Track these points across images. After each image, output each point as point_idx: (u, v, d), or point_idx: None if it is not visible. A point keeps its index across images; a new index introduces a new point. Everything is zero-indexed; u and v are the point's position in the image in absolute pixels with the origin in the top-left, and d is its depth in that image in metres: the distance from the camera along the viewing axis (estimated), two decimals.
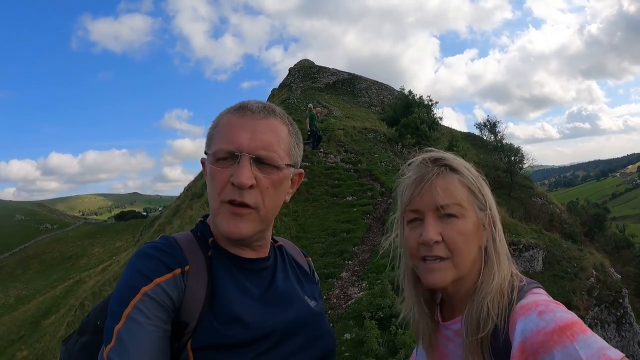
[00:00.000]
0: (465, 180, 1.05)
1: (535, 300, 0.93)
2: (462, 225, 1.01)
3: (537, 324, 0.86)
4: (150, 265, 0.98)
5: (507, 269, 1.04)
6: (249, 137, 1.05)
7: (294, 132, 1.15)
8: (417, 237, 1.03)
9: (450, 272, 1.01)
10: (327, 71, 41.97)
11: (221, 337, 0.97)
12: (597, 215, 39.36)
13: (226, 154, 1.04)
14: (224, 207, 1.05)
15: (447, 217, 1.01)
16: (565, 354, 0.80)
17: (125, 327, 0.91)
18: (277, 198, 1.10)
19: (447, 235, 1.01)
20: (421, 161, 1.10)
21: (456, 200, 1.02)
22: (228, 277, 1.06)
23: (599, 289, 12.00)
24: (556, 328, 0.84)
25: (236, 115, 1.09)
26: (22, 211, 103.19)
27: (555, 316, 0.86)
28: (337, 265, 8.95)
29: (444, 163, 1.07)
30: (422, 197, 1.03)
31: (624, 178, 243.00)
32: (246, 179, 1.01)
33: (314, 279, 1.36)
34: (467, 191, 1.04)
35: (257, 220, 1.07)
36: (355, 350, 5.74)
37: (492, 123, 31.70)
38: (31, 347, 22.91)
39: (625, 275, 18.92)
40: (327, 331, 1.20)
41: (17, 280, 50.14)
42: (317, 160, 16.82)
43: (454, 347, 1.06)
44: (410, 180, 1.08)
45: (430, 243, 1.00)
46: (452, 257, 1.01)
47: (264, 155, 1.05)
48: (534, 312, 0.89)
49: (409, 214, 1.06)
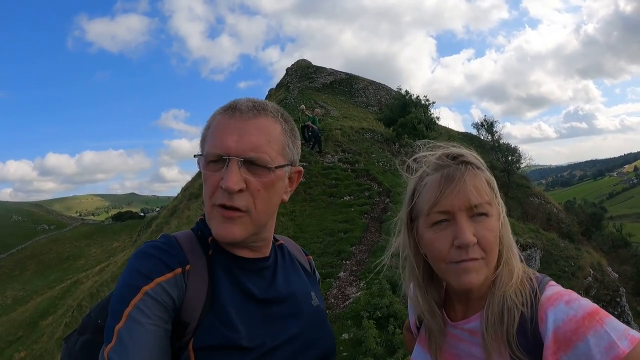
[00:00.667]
0: (487, 177, 1.03)
1: (558, 291, 0.96)
2: (492, 223, 1.00)
3: (567, 313, 0.89)
4: (150, 265, 0.97)
5: (518, 262, 1.04)
6: (236, 139, 1.02)
7: (288, 130, 1.12)
8: (448, 240, 0.99)
9: (484, 271, 1.00)
10: (325, 71, 41.94)
11: (223, 337, 0.96)
12: (594, 214, 39.46)
13: (215, 157, 1.03)
14: (216, 211, 1.04)
15: (478, 216, 0.99)
16: (598, 337, 0.84)
17: (125, 326, 0.90)
18: (269, 200, 1.08)
19: (481, 235, 0.98)
20: (439, 158, 1.05)
21: (486, 198, 1.00)
22: (229, 277, 1.06)
23: (596, 288, 12.05)
24: (585, 315, 0.87)
25: (225, 116, 1.07)
26: (19, 212, 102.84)
27: (582, 304, 0.90)
28: (335, 265, 8.95)
29: (466, 160, 1.03)
30: (454, 197, 0.98)
31: (620, 177, 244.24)
32: (233, 184, 0.99)
33: (314, 277, 1.35)
34: (490, 189, 1.02)
35: (248, 223, 1.05)
36: (353, 350, 5.74)
37: (489, 123, 31.76)
38: (29, 348, 22.84)
39: (623, 275, 18.94)
40: (328, 331, 1.20)
41: (14, 281, 49.95)
42: (315, 160, 16.81)
43: (467, 347, 1.05)
44: (435, 179, 1.02)
45: (470, 245, 0.97)
46: (486, 257, 0.99)
47: (253, 157, 1.02)
48: (562, 302, 0.92)
49: (435, 215, 1.01)
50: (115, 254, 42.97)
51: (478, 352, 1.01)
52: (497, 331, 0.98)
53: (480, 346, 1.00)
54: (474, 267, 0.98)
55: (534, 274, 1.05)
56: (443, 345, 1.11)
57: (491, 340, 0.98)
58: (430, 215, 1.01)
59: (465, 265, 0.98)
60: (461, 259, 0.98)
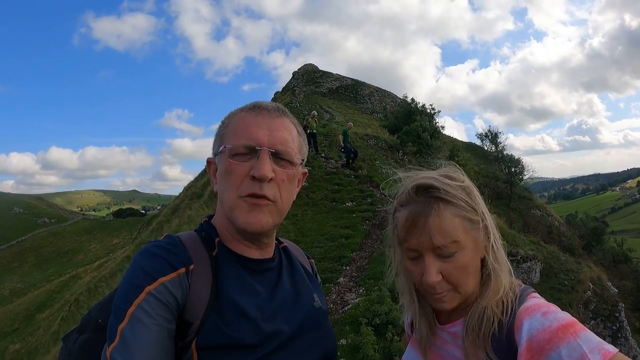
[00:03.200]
0: (459, 211, 1.02)
1: (537, 303, 0.99)
2: (460, 260, 1.02)
3: (542, 323, 0.92)
4: (154, 264, 0.98)
5: (507, 276, 1.07)
6: (267, 133, 1.08)
7: (301, 133, 1.21)
8: (419, 273, 1.04)
9: (457, 299, 1.05)
10: (331, 76, 42.04)
11: (226, 337, 0.97)
12: (595, 228, 39.35)
13: (245, 149, 1.07)
14: (243, 201, 1.06)
15: (445, 256, 1.02)
16: (570, 348, 0.86)
17: (129, 326, 0.91)
18: (291, 192, 1.14)
19: (447, 272, 1.02)
20: (410, 191, 1.07)
21: (452, 238, 1.00)
22: (234, 277, 1.07)
23: (595, 302, 11.97)
24: (560, 326, 0.90)
25: (252, 113, 1.12)
26: (20, 204, 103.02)
27: (558, 316, 0.93)
28: (335, 271, 8.90)
29: (436, 195, 1.03)
30: (419, 238, 1.02)
31: (623, 192, 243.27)
32: (268, 172, 1.04)
33: (316, 280, 1.37)
34: (462, 221, 1.02)
35: (274, 212, 1.09)
36: (351, 356, 5.71)
37: (493, 133, 31.77)
38: (24, 341, 22.84)
39: (622, 290, 18.88)
40: (329, 332, 1.22)
41: (13, 272, 50.00)
42: (318, 164, 16.81)
43: (451, 349, 1.09)
44: (403, 217, 1.06)
45: (435, 283, 1.02)
46: (455, 288, 1.04)
47: (281, 150, 1.09)
48: (538, 313, 0.95)
49: (408, 252, 1.06)
50: (114, 251, 42.99)
51: (460, 355, 1.06)
52: (475, 337, 1.02)
53: (461, 349, 1.05)
54: (445, 298, 1.04)
55: (519, 285, 1.08)
56: (431, 347, 1.15)
57: (470, 345, 1.03)
58: (404, 250, 1.07)
59: (438, 296, 1.04)
60: (431, 293, 1.04)
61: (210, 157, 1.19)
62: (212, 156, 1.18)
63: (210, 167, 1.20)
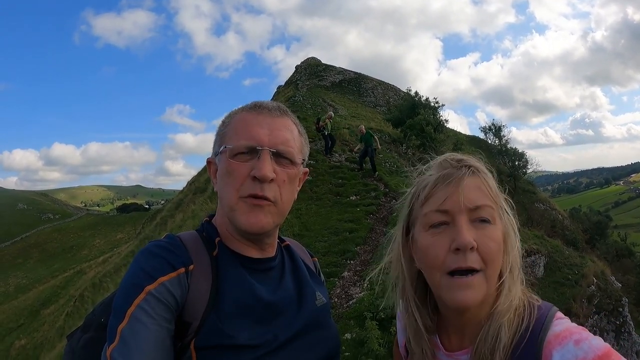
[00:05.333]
0: (493, 184, 0.95)
1: (567, 328, 0.86)
2: (495, 232, 0.91)
3: (575, 355, 0.80)
4: (154, 264, 0.98)
5: (519, 288, 0.95)
6: (268, 133, 1.08)
7: (303, 132, 1.20)
8: (445, 244, 0.90)
9: (483, 288, 0.89)
10: (334, 70, 41.95)
11: (225, 337, 0.96)
12: (599, 222, 39.25)
13: (245, 149, 1.06)
14: (243, 202, 1.05)
15: (479, 222, 0.90)
16: None
17: (128, 326, 0.90)
18: (292, 192, 1.13)
19: (482, 242, 0.88)
20: (442, 161, 0.99)
21: (489, 202, 0.91)
22: (234, 277, 1.06)
23: (599, 297, 11.95)
24: (596, 358, 0.78)
25: (253, 113, 1.12)
26: (24, 200, 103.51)
27: (592, 345, 0.81)
28: (339, 265, 8.92)
29: (470, 164, 0.95)
30: (452, 196, 0.90)
31: (627, 186, 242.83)
32: (269, 172, 1.03)
33: (320, 279, 1.36)
34: (495, 195, 0.94)
35: (275, 213, 1.08)
36: (356, 351, 5.73)
37: (497, 127, 31.72)
38: (30, 336, 23.02)
39: (626, 284, 18.86)
40: (333, 331, 1.20)
41: (17, 269, 50.29)
42: (322, 158, 16.80)
43: None
44: (433, 179, 0.95)
45: (468, 247, 0.87)
46: (485, 269, 0.89)
47: (282, 150, 1.08)
48: (570, 342, 0.83)
49: (433, 215, 0.92)
50: (118, 245, 43.17)
51: None
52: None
53: None
54: (471, 282, 0.88)
55: (537, 301, 0.95)
56: None
57: None
58: (427, 215, 0.94)
59: (462, 281, 0.88)
60: (458, 266, 0.88)
61: (211, 157, 1.18)
62: (213, 156, 1.17)
63: (210, 167, 1.19)
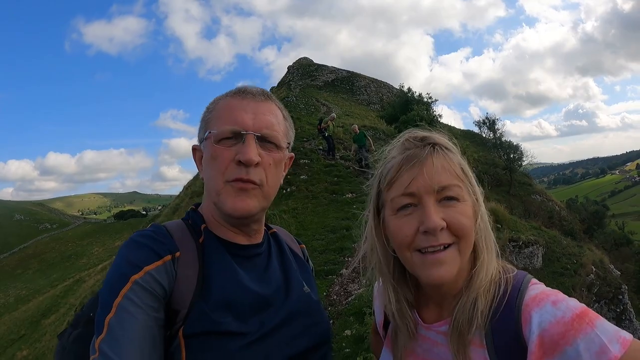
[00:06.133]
0: (459, 160, 0.95)
1: (543, 291, 0.88)
2: (464, 208, 0.91)
3: (554, 315, 0.81)
4: (140, 254, 0.97)
5: (495, 258, 0.96)
6: (252, 117, 1.08)
7: (287, 117, 1.20)
8: (413, 226, 0.90)
9: (456, 262, 0.90)
10: (326, 69, 41.99)
11: (213, 324, 0.96)
12: (596, 212, 39.54)
13: (230, 134, 1.06)
14: (229, 186, 1.05)
15: (447, 200, 0.90)
16: (588, 341, 0.77)
17: (116, 317, 0.90)
18: (278, 176, 1.14)
19: (452, 218, 0.89)
20: (405, 140, 0.97)
21: (456, 181, 0.91)
22: (221, 263, 1.06)
23: (598, 285, 12.00)
24: (574, 316, 0.80)
25: (237, 98, 1.12)
26: (21, 211, 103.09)
27: (570, 304, 0.82)
28: (337, 262, 8.93)
29: (433, 141, 0.94)
30: (417, 178, 0.89)
31: (623, 175, 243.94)
32: (254, 156, 1.03)
33: (308, 266, 1.35)
34: (461, 172, 0.93)
35: (261, 196, 1.08)
36: (356, 347, 5.73)
37: (491, 120, 31.72)
38: (31, 347, 22.90)
39: (625, 272, 18.95)
40: (322, 319, 1.19)
41: (17, 279, 50.05)
42: (317, 157, 16.80)
43: (443, 352, 0.95)
44: (397, 161, 0.93)
45: (437, 230, 0.87)
46: (458, 242, 0.89)
47: (267, 134, 1.08)
48: (548, 303, 0.84)
49: (399, 199, 0.92)
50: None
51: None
52: (464, 334, 0.90)
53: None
54: (444, 258, 0.89)
55: (512, 270, 0.96)
56: (416, 349, 1.02)
57: (458, 344, 0.91)
58: (394, 199, 0.93)
59: (434, 257, 0.89)
60: (429, 245, 0.88)
61: (196, 144, 1.18)
62: (198, 143, 1.17)
63: (195, 154, 1.18)
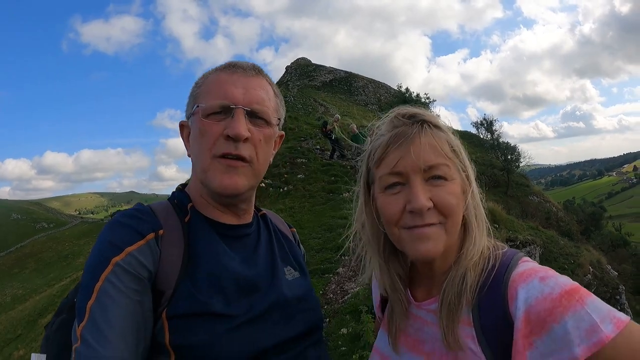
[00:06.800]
0: (448, 138, 0.93)
1: (532, 267, 0.84)
2: (452, 187, 0.89)
3: (541, 290, 0.77)
4: (121, 234, 0.93)
5: (485, 235, 0.94)
6: (242, 92, 1.05)
7: (278, 94, 1.17)
8: (400, 204, 0.89)
9: (442, 239, 0.88)
10: (324, 69, 42.03)
11: (199, 304, 0.93)
12: (593, 213, 39.60)
13: (219, 108, 1.03)
14: (217, 162, 1.02)
15: (434, 179, 0.88)
16: (577, 318, 0.72)
17: (97, 302, 0.86)
18: (268, 153, 1.10)
19: (439, 198, 0.87)
20: (394, 117, 0.96)
21: (444, 160, 0.89)
22: (208, 243, 1.03)
23: (595, 285, 12.01)
24: (563, 293, 0.75)
25: (227, 72, 1.08)
26: (18, 210, 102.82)
27: (559, 281, 0.78)
28: (334, 261, 8.92)
29: (422, 118, 0.93)
30: (404, 157, 0.88)
31: (620, 177, 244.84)
32: (243, 130, 1.00)
33: (300, 250, 1.33)
34: (450, 150, 0.91)
35: (250, 174, 1.05)
36: (352, 345, 5.71)
37: (488, 121, 31.73)
38: (28, 346, 22.80)
39: (622, 274, 18.93)
40: (313, 304, 1.17)
41: (13, 279, 49.87)
42: (314, 157, 16.80)
43: (433, 331, 0.93)
44: (385, 139, 0.92)
45: (423, 210, 0.86)
46: (445, 221, 0.88)
47: (257, 109, 1.05)
48: (535, 278, 0.80)
49: (387, 178, 0.91)
50: None
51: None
52: (452, 310, 0.88)
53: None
54: (430, 233, 0.87)
55: (503, 247, 0.94)
56: (407, 329, 0.99)
57: (447, 320, 0.88)
58: (382, 178, 0.92)
59: (421, 231, 0.87)
60: (415, 225, 0.87)
61: (184, 120, 1.15)
62: (185, 119, 1.13)
63: (183, 131, 1.15)
